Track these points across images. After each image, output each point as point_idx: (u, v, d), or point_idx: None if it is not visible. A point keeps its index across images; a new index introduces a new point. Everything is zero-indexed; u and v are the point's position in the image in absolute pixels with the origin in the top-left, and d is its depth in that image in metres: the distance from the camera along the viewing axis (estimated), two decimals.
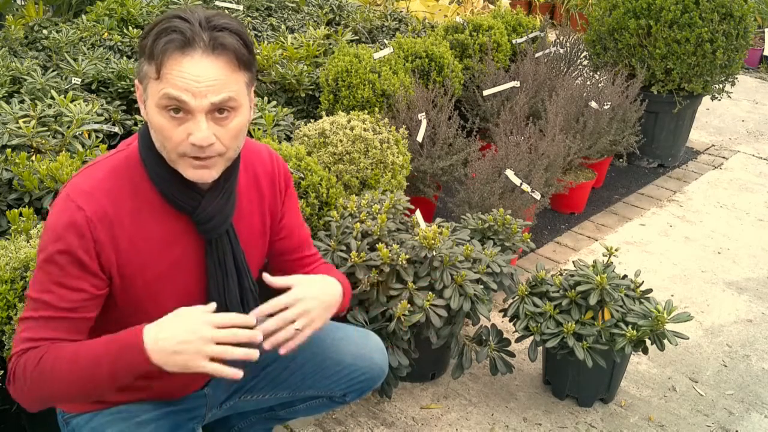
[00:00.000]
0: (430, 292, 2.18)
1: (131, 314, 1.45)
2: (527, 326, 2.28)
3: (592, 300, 2.21)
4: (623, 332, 2.17)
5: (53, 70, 3.24)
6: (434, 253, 2.22)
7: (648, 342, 2.23)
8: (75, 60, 3.33)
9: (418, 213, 2.41)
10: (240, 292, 1.55)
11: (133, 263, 1.42)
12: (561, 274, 2.37)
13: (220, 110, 1.34)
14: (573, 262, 2.41)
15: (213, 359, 1.31)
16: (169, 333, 1.31)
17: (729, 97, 4.45)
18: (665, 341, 2.18)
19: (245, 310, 1.53)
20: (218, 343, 1.31)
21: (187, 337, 1.30)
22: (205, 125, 1.32)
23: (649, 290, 2.33)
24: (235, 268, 1.53)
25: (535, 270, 2.43)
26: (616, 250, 2.34)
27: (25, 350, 1.37)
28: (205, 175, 1.38)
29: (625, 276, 2.38)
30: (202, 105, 1.31)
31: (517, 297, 2.35)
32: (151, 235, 1.43)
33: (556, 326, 2.24)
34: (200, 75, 1.30)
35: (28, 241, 2.01)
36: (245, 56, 1.36)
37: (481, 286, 2.24)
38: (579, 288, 2.24)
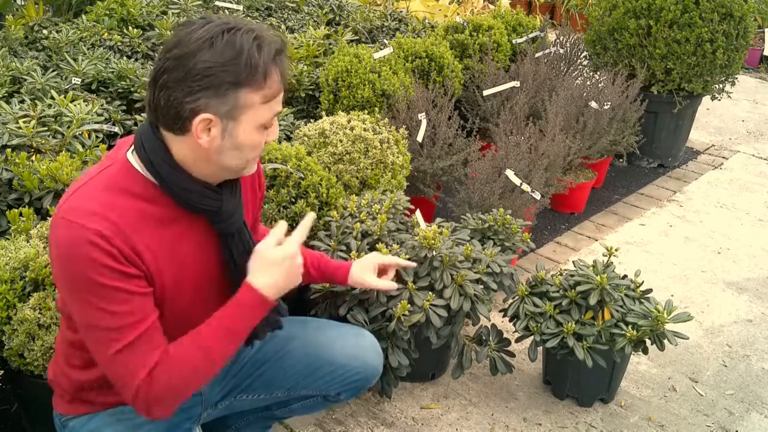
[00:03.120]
0: (430, 292, 2.18)
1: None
2: (527, 326, 2.28)
3: (592, 300, 2.21)
4: (623, 332, 2.17)
5: (53, 70, 3.24)
6: (434, 253, 2.21)
7: (648, 342, 2.23)
8: (75, 60, 3.33)
9: (418, 213, 2.41)
10: None
11: (151, 268, 1.42)
12: (561, 274, 2.37)
13: None
14: (573, 262, 2.41)
15: None
16: (268, 274, 1.49)
17: (729, 97, 4.45)
18: (665, 341, 2.18)
19: None
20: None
21: (283, 265, 1.50)
22: None
23: (649, 290, 2.33)
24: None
25: (535, 270, 2.43)
26: (616, 250, 2.34)
27: (149, 375, 1.38)
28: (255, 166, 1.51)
29: (625, 276, 2.38)
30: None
31: (517, 297, 2.35)
32: (163, 240, 1.44)
33: (556, 326, 2.24)
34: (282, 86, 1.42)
35: (27, 241, 2.00)
36: None
37: (481, 286, 2.24)
38: (579, 288, 2.24)
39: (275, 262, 1.50)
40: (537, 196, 2.95)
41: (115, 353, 1.37)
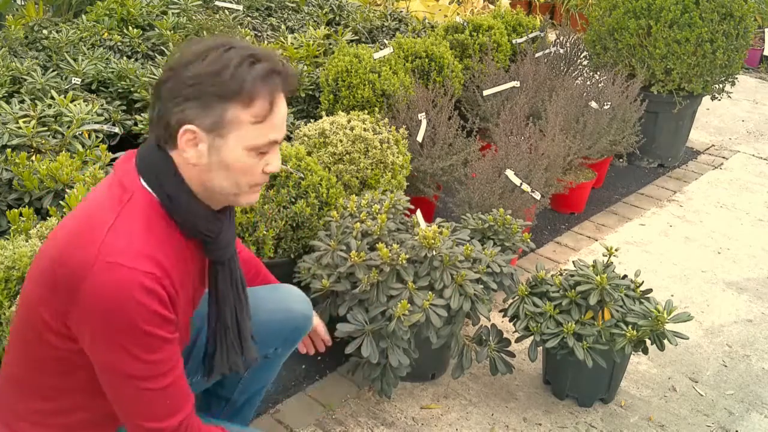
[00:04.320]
0: (430, 292, 2.18)
1: None
2: (527, 326, 2.28)
3: (592, 300, 2.21)
4: (623, 332, 2.17)
5: (53, 70, 3.24)
6: (434, 253, 2.21)
7: (648, 342, 2.23)
8: (75, 60, 3.33)
9: (418, 213, 2.41)
10: (246, 305, 1.64)
11: (181, 302, 1.42)
12: (561, 274, 2.37)
13: None
14: (573, 262, 2.41)
15: None
16: None
17: (729, 97, 4.45)
18: (665, 341, 2.18)
19: (246, 322, 1.64)
20: None
21: None
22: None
23: (649, 290, 2.33)
24: (241, 284, 1.60)
25: (535, 270, 2.43)
26: (616, 250, 2.34)
27: (181, 425, 1.39)
28: (257, 197, 1.47)
29: (625, 276, 2.38)
30: (282, 138, 1.41)
31: (517, 297, 2.35)
32: (184, 276, 1.44)
33: (556, 326, 2.24)
34: (286, 112, 1.40)
35: (27, 241, 2.00)
36: None
37: (481, 286, 2.24)
38: (579, 288, 2.24)
39: None
40: (537, 196, 2.95)
41: (145, 400, 1.35)
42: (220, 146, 1.34)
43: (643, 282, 2.34)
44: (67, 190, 2.24)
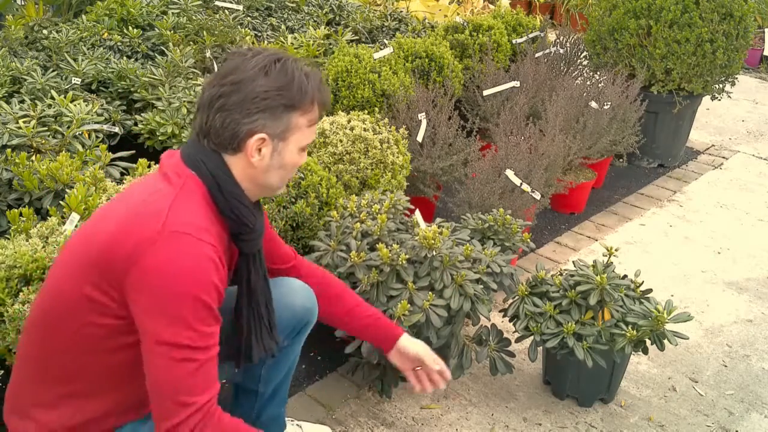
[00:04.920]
0: (430, 292, 2.18)
1: None
2: (527, 326, 2.28)
3: (593, 300, 2.21)
4: (623, 332, 2.17)
5: (53, 70, 3.24)
6: (434, 253, 2.21)
7: (648, 342, 2.23)
8: (75, 60, 3.33)
9: (417, 213, 2.41)
10: (270, 294, 1.76)
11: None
12: (561, 274, 2.37)
13: None
14: (573, 262, 2.41)
15: None
16: None
17: (729, 97, 4.45)
18: (665, 341, 2.18)
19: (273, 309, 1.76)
20: None
21: None
22: None
23: (649, 290, 2.33)
24: (265, 277, 1.73)
25: (535, 270, 2.43)
26: (616, 250, 2.34)
27: (209, 403, 1.42)
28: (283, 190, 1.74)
29: (625, 276, 2.38)
30: None
31: (517, 297, 2.35)
32: (227, 261, 1.54)
33: (556, 326, 2.24)
34: None
35: (27, 240, 2.00)
36: None
37: (481, 286, 2.24)
38: (579, 288, 2.24)
39: None
40: (537, 196, 2.95)
41: (185, 372, 1.39)
42: (282, 148, 1.52)
43: (643, 282, 2.34)
44: (67, 190, 2.24)
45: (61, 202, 2.18)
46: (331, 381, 2.48)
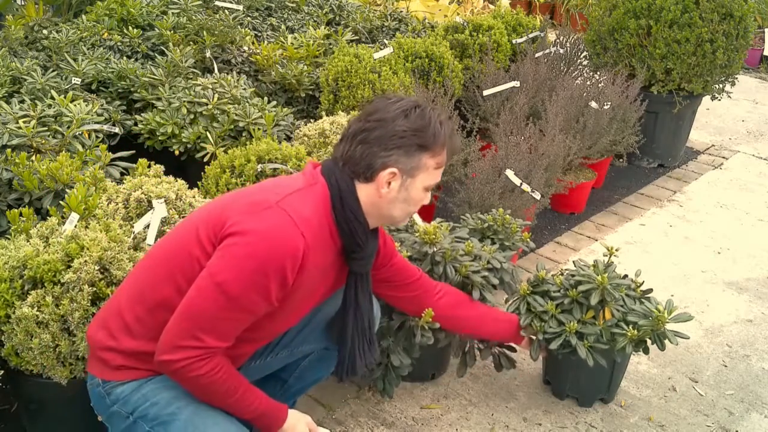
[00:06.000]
0: None
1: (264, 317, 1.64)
2: (531, 323, 2.26)
3: (594, 299, 2.20)
4: (624, 332, 2.17)
5: (53, 70, 3.24)
6: (436, 249, 2.22)
7: (648, 342, 2.22)
8: (75, 60, 3.33)
9: (415, 213, 2.40)
10: (372, 313, 1.93)
11: (305, 282, 1.64)
12: (562, 274, 2.37)
13: None
14: (573, 262, 2.41)
15: None
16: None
17: (729, 97, 4.45)
18: (666, 341, 2.18)
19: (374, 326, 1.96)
20: None
21: None
22: None
23: (650, 290, 2.33)
24: (370, 297, 1.90)
25: (536, 270, 2.43)
26: (616, 250, 2.34)
27: (211, 351, 1.57)
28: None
29: (625, 276, 2.38)
30: None
31: (518, 296, 2.35)
32: (322, 262, 1.67)
33: (558, 325, 2.24)
34: None
35: (27, 241, 2.00)
36: None
37: (485, 276, 2.25)
38: (580, 287, 2.23)
39: None
40: (537, 196, 2.95)
41: (215, 314, 1.54)
42: (410, 184, 1.67)
43: (643, 282, 2.34)
44: (67, 190, 2.24)
45: (61, 202, 2.18)
46: (331, 381, 2.47)
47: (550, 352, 2.29)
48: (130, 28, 3.79)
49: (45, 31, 3.72)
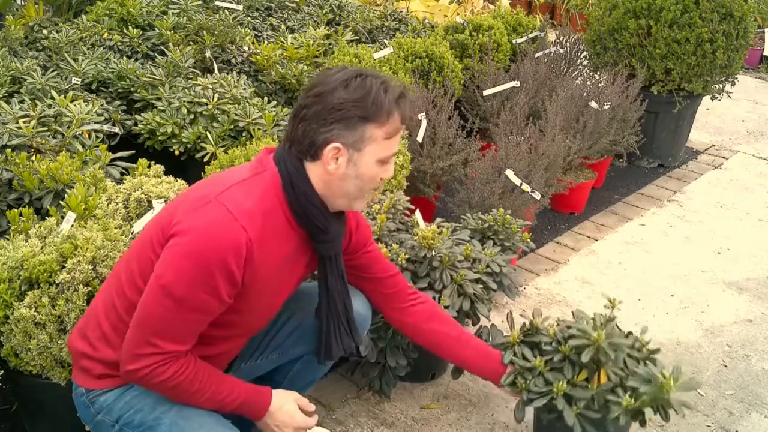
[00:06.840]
0: (429, 292, 2.18)
1: (226, 312, 1.61)
2: (514, 382, 2.01)
3: (585, 357, 1.88)
4: (619, 400, 1.85)
5: (53, 70, 3.24)
6: (433, 253, 2.21)
7: (650, 410, 1.89)
8: (75, 60, 3.33)
9: (417, 213, 2.41)
10: (349, 296, 1.87)
11: (260, 274, 1.59)
12: (557, 325, 2.07)
13: None
14: (573, 312, 2.13)
15: None
16: (284, 412, 1.72)
17: (729, 97, 4.45)
18: (671, 411, 1.89)
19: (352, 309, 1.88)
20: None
21: (291, 421, 1.73)
22: None
23: (657, 350, 2.01)
24: (344, 278, 1.83)
25: (531, 316, 2.15)
26: (619, 302, 2.00)
27: (172, 356, 1.55)
28: (366, 203, 1.74)
29: (629, 333, 2.05)
30: None
31: (507, 344, 2.09)
32: (280, 252, 1.63)
33: (545, 385, 1.95)
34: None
35: (26, 241, 2.00)
36: None
37: (481, 286, 2.24)
38: (572, 342, 1.92)
39: (287, 423, 1.73)
40: (537, 196, 2.95)
41: (165, 317, 1.52)
42: (358, 158, 1.58)
43: (650, 341, 2.04)
44: (67, 190, 2.24)
45: (61, 202, 2.18)
46: (330, 381, 2.48)
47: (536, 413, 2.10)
48: (130, 28, 3.78)
49: (45, 31, 3.72)
